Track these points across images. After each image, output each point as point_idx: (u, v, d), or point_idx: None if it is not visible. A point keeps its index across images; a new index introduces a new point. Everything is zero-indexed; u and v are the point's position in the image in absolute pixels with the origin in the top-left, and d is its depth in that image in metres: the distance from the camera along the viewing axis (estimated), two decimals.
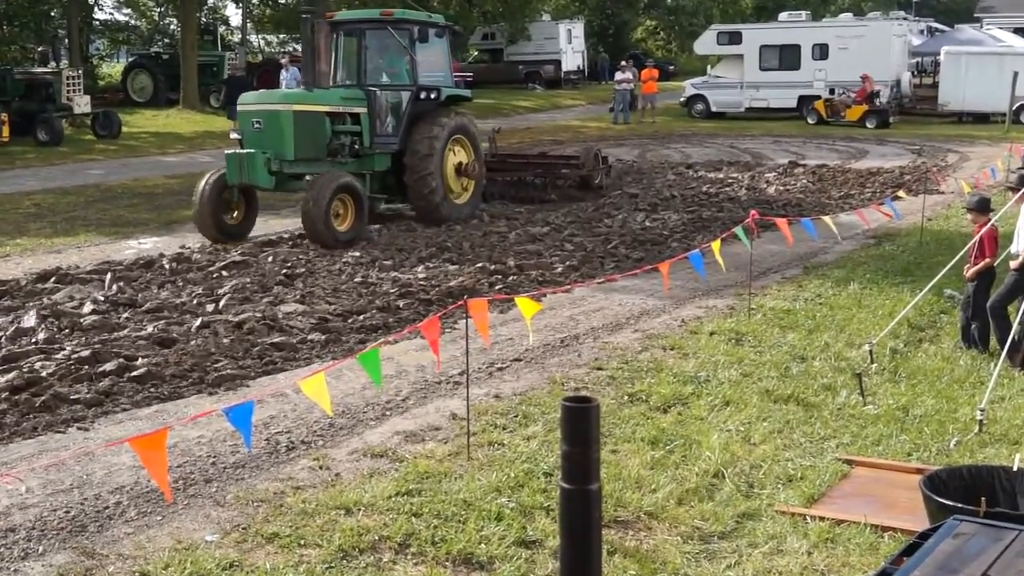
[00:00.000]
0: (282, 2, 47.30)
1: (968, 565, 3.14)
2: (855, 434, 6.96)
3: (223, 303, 10.39)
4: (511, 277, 11.69)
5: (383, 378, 7.01)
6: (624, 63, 37.29)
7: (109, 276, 11.68)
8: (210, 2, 50.83)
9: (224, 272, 12.02)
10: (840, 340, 9.15)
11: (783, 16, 37.93)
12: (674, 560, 5.26)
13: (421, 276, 11.70)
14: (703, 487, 6.11)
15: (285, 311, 10.16)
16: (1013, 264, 8.57)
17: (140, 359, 8.47)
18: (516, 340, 9.30)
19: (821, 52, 34.33)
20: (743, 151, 26.19)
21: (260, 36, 57.86)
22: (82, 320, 9.69)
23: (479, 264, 12.28)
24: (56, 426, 7.14)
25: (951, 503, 4.79)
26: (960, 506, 4.65)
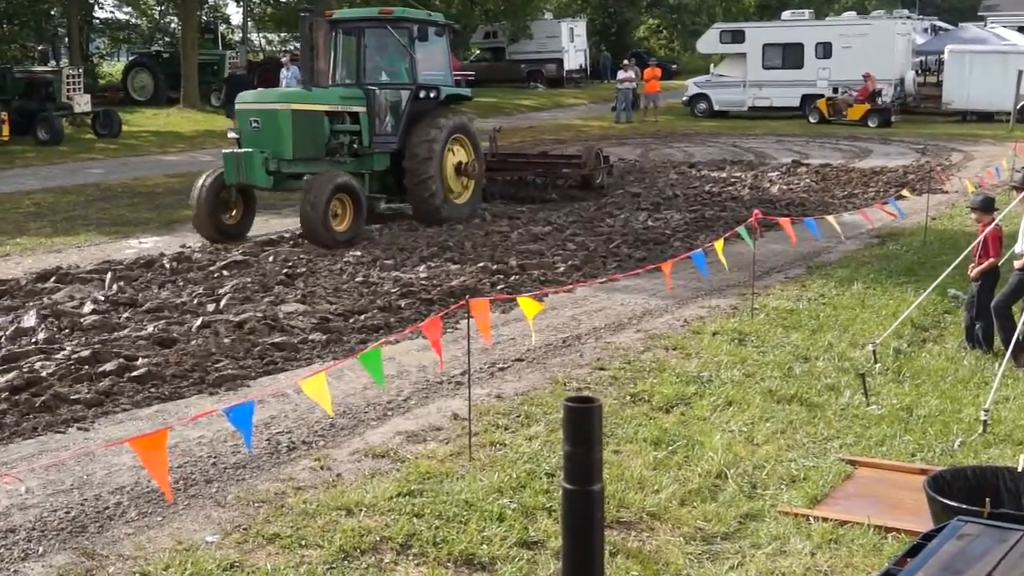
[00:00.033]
0: (283, 0, 47.29)
1: (972, 566, 3.12)
2: (859, 434, 6.94)
3: (224, 303, 10.37)
4: (513, 277, 11.66)
5: (384, 378, 6.98)
6: (626, 62, 37.27)
7: (109, 276, 11.66)
8: (211, 1, 50.85)
9: (225, 272, 11.99)
10: (844, 340, 9.13)
11: (786, 15, 37.87)
12: (676, 561, 5.23)
13: (423, 276, 11.67)
14: (706, 488, 6.09)
15: (286, 311, 10.14)
16: (1017, 264, 8.54)
17: (140, 359, 8.45)
18: (518, 340, 9.28)
19: (824, 51, 34.23)
20: (746, 150, 26.16)
21: (261, 35, 57.85)
22: (82, 320, 9.67)
23: (481, 264, 12.26)
24: (56, 426, 7.12)
25: (955, 504, 4.78)
26: (964, 507, 4.64)
